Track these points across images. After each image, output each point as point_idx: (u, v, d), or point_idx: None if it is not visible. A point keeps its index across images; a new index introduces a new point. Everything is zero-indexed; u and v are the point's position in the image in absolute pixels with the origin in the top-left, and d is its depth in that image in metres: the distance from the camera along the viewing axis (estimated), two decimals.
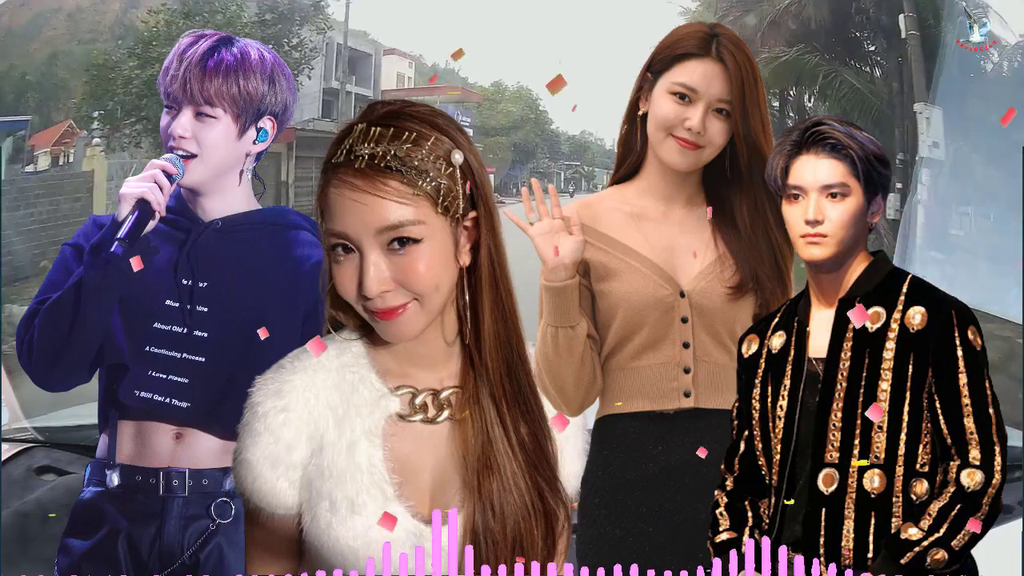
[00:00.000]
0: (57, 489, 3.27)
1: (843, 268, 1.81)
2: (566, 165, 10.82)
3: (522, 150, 10.19)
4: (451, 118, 1.36)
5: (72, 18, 7.69)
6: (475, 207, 1.33)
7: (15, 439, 3.71)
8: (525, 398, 1.38)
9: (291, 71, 2.06)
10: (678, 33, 2.04)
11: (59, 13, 7.60)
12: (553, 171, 10.74)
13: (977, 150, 6.49)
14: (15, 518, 3.09)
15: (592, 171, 10.79)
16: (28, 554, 2.92)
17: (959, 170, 6.68)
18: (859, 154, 1.78)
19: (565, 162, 10.83)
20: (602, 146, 10.84)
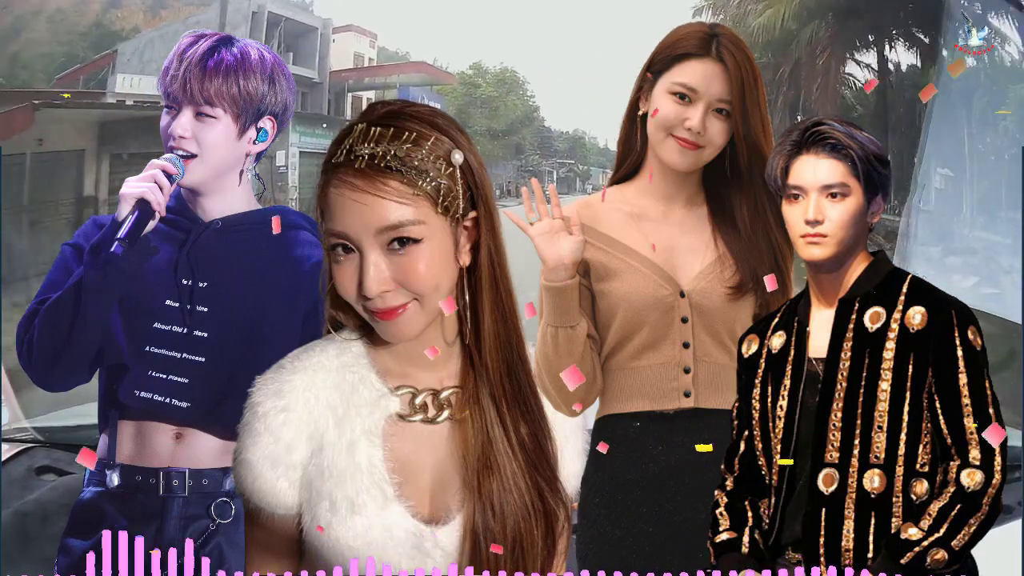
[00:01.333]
0: (57, 489, 3.27)
1: (843, 268, 1.81)
2: (559, 163, 10.33)
3: (509, 146, 9.41)
4: (451, 118, 1.36)
5: (52, 20, 7.67)
6: (475, 207, 1.33)
7: (15, 439, 3.72)
8: (525, 398, 1.38)
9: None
10: (678, 33, 2.04)
11: (39, 16, 7.57)
12: (544, 169, 10.08)
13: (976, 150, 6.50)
14: (15, 518, 3.10)
15: (588, 170, 10.23)
16: (28, 554, 2.93)
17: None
18: (859, 154, 1.78)
19: (558, 160, 10.32)
20: (596, 144, 10.31)
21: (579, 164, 10.27)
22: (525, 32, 9.81)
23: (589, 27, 8.19)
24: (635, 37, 6.82)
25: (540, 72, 9.62)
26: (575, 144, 10.38)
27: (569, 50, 8.98)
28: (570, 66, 9.35)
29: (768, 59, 6.81)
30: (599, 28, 8.10)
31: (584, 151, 10.36)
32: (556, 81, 9.21)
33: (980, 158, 6.04)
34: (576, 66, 9.00)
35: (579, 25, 7.91)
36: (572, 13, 7.77)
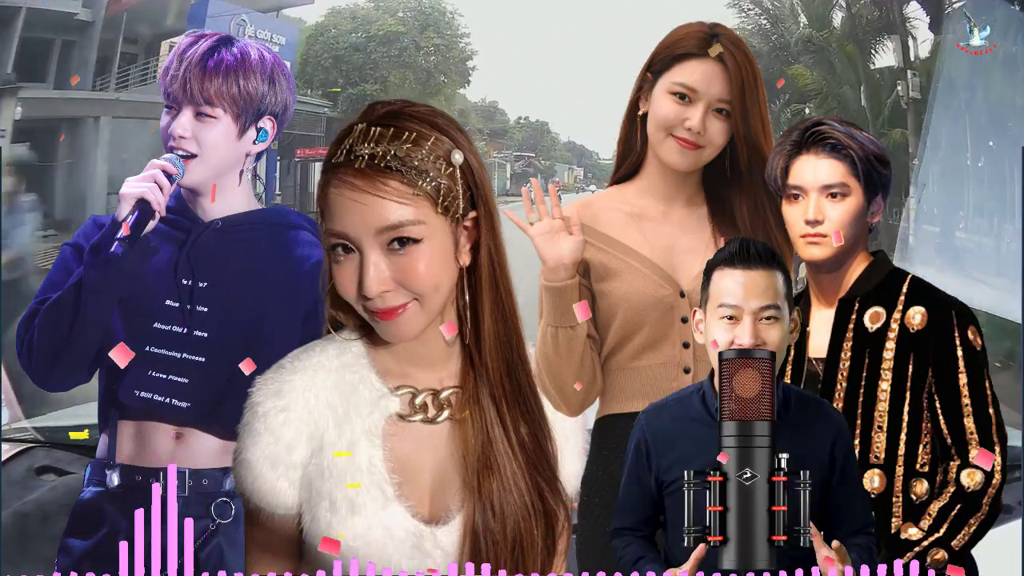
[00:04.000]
0: (57, 489, 3.27)
1: (843, 268, 1.82)
2: (516, 156, 9.16)
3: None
4: (451, 118, 1.36)
5: None
6: (475, 207, 1.33)
7: (15, 439, 3.71)
8: (525, 398, 1.38)
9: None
10: (678, 33, 2.04)
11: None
12: (496, 161, 8.79)
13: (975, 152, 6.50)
14: (15, 518, 3.09)
15: (552, 166, 9.21)
16: (28, 554, 2.92)
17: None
18: (859, 154, 1.78)
19: (515, 152, 9.17)
20: (558, 139, 9.19)
21: (541, 159, 8.94)
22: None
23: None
24: (597, 20, 6.27)
25: (495, 42, 8.07)
26: (538, 134, 8.96)
27: (531, 26, 7.52)
28: (531, 43, 8.07)
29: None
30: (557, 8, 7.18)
31: (549, 143, 8.92)
32: (512, 54, 7.89)
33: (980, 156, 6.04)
34: (539, 45, 7.75)
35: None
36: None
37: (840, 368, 1.79)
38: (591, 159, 10.43)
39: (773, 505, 1.43)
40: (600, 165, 10.34)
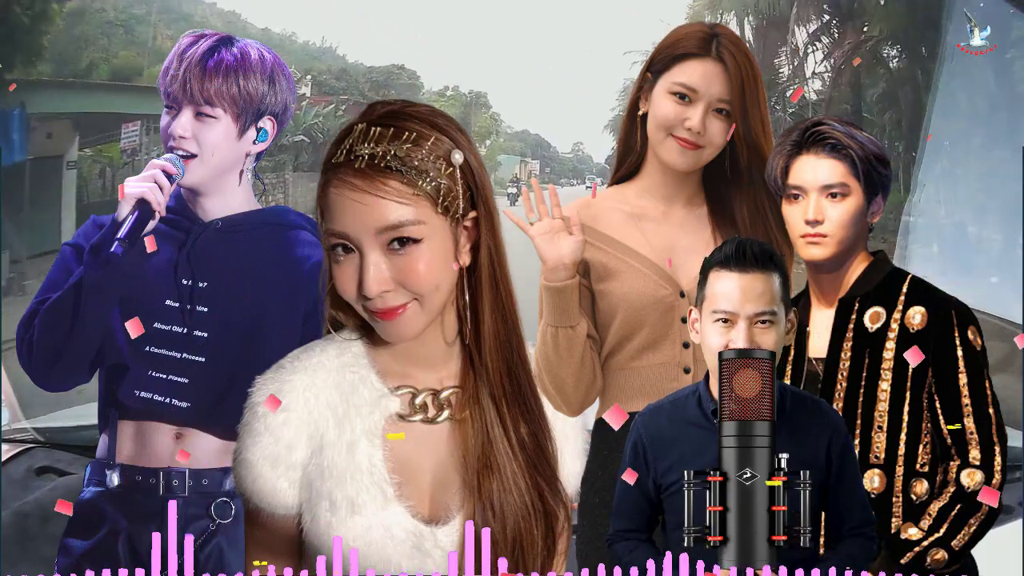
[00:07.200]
0: (57, 489, 3.27)
1: (843, 268, 1.82)
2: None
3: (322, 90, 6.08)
4: (451, 118, 1.36)
5: None
6: (475, 207, 1.33)
7: (15, 439, 3.71)
8: (525, 398, 1.38)
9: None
10: (678, 33, 2.04)
11: None
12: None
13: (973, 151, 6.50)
14: (15, 518, 3.09)
15: (494, 154, 7.87)
16: (28, 554, 2.93)
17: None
18: (859, 154, 1.78)
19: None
20: (499, 118, 7.64)
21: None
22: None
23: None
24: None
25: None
26: (471, 108, 7.25)
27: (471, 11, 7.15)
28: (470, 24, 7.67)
29: None
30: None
31: (488, 122, 7.46)
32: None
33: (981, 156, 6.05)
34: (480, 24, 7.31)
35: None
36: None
37: (840, 368, 1.79)
38: (547, 151, 9.45)
39: (773, 505, 1.43)
40: (560, 159, 9.31)
